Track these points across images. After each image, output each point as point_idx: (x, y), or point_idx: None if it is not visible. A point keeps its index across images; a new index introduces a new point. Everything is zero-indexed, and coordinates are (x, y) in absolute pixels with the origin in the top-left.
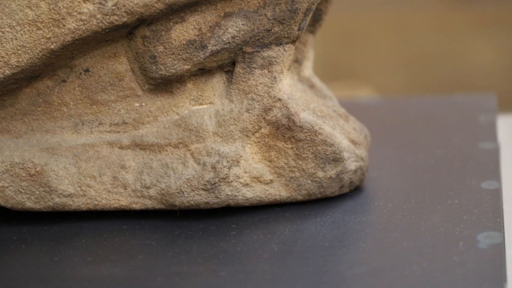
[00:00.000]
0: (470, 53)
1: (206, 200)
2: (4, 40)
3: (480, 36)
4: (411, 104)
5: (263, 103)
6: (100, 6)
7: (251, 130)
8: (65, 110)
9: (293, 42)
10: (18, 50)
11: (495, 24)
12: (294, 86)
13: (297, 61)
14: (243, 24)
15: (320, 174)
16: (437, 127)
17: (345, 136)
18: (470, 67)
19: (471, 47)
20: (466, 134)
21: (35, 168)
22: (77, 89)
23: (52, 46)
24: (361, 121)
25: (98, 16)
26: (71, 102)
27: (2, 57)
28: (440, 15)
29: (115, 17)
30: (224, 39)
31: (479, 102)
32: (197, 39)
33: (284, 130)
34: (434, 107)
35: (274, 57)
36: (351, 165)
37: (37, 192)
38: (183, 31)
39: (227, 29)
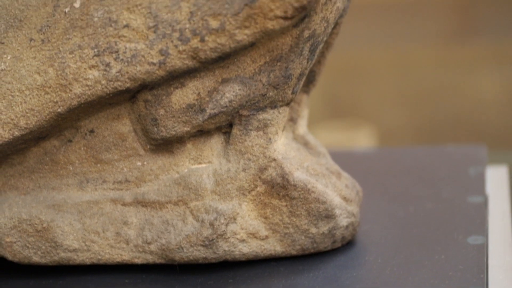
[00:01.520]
0: (472, 88)
1: (204, 256)
2: (14, 103)
3: (481, 71)
4: (404, 155)
5: (259, 163)
6: (104, 72)
7: (248, 188)
8: (71, 168)
9: (287, 104)
10: (27, 113)
11: (495, 59)
12: (289, 145)
13: (292, 120)
14: (239, 89)
15: (313, 230)
16: (428, 179)
17: (337, 193)
18: (472, 102)
19: (472, 82)
20: (456, 186)
21: (42, 225)
22: (82, 148)
23: (59, 110)
24: (355, 172)
25: (103, 82)
26: (77, 161)
27: (12, 119)
28: (441, 51)
29: (119, 83)
30: (222, 103)
31: (470, 153)
32: (196, 103)
33: (279, 189)
34: (427, 158)
35: (269, 120)
36: (343, 221)
37: (43, 247)
38: (183, 95)
39: (224, 93)
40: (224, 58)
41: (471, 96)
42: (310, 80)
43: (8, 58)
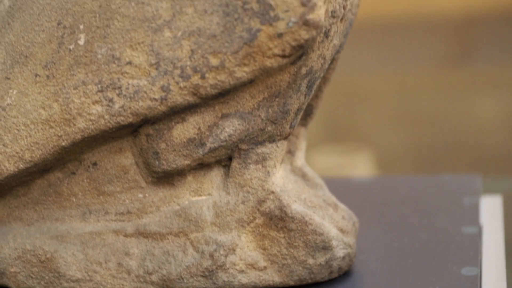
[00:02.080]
0: (470, 112)
1: (204, 286)
2: (19, 137)
3: (480, 95)
4: (400, 184)
5: (258, 195)
6: (108, 108)
7: (246, 220)
8: (74, 200)
9: (285, 138)
10: (32, 146)
11: (494, 83)
12: (287, 178)
13: (290, 152)
14: (239, 124)
15: (311, 261)
16: (424, 209)
17: (334, 225)
18: (471, 126)
19: (471, 106)
20: (450, 217)
21: (45, 255)
22: (85, 180)
23: (63, 143)
24: (352, 201)
25: (106, 116)
26: (80, 193)
27: (17, 152)
28: (439, 75)
29: (122, 118)
30: (222, 137)
31: (465, 183)
32: (196, 137)
33: (277, 221)
34: (423, 188)
35: (267, 153)
36: (340, 252)
37: (46, 278)
38: (184, 130)
39: (224, 128)
40: (224, 94)
41: (470, 119)
42: (308, 113)
43: (14, 93)
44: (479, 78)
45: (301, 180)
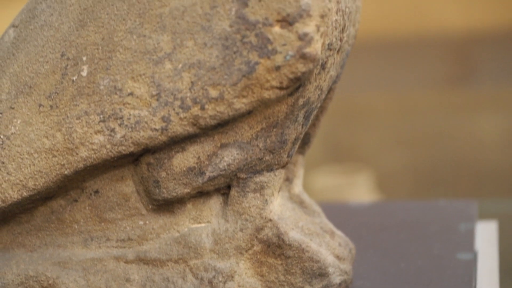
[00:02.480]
0: (471, 132)
1: None
2: (23, 165)
3: (481, 115)
4: (397, 209)
5: (256, 223)
6: (109, 137)
7: (245, 247)
8: (76, 227)
9: (283, 167)
10: (35, 175)
11: (494, 104)
12: (284, 206)
13: (288, 180)
14: (237, 154)
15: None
16: (420, 235)
17: (331, 252)
18: (471, 146)
19: (471, 127)
20: (446, 243)
21: (48, 281)
22: (87, 208)
23: (66, 172)
24: (349, 226)
25: (108, 146)
26: (82, 220)
27: (21, 180)
28: (440, 96)
29: (123, 147)
30: (221, 166)
31: (461, 209)
32: (196, 166)
33: (275, 248)
34: (419, 213)
35: (265, 182)
36: (336, 279)
37: None
38: (184, 159)
39: (223, 158)
40: (223, 125)
41: (471, 140)
42: (305, 142)
43: (18, 122)
44: (480, 99)
45: (298, 208)
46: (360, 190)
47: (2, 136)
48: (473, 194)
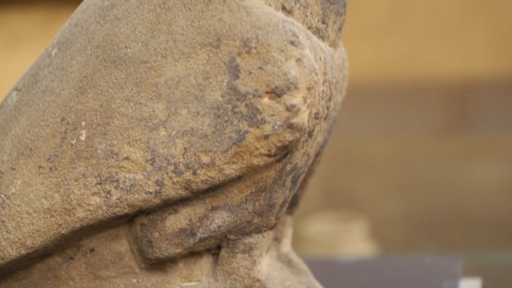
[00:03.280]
0: (467, 180)
1: None
2: (22, 224)
3: (477, 163)
4: (383, 265)
5: (244, 283)
6: (105, 199)
7: None
8: (72, 283)
9: (271, 229)
10: (34, 233)
11: (491, 152)
12: (272, 266)
13: (277, 239)
14: (227, 216)
15: None
16: None
17: None
18: (467, 194)
19: (468, 174)
20: None
21: None
22: (82, 265)
23: (63, 231)
24: (336, 283)
25: (104, 207)
26: (77, 277)
27: (20, 239)
28: (437, 143)
29: (118, 209)
30: (211, 228)
31: (445, 265)
32: (188, 227)
33: None
34: (404, 269)
35: (254, 243)
36: None
37: None
38: (176, 221)
39: (214, 220)
40: (214, 189)
41: (466, 188)
42: (293, 203)
43: (19, 183)
44: (476, 147)
45: (286, 267)
46: (355, 238)
47: (2, 196)
48: (468, 244)
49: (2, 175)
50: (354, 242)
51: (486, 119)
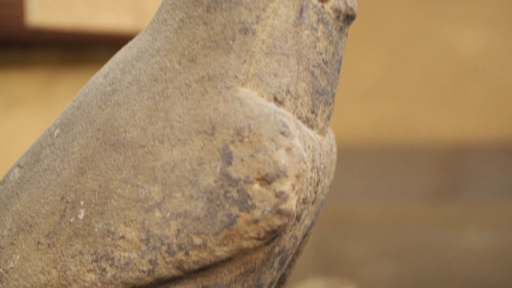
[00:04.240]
0: (458, 246)
1: None
2: None
3: (468, 229)
4: None
5: None
6: (100, 276)
7: None
8: None
9: None
10: None
11: (482, 219)
12: None
13: None
14: None
15: None
16: None
17: None
18: (458, 260)
19: (459, 240)
20: None
21: None
22: None
23: None
24: None
25: (98, 284)
26: None
27: None
28: (429, 208)
29: (113, 286)
30: None
31: None
32: None
33: None
34: None
35: None
36: None
37: None
38: None
39: None
40: (205, 269)
41: (456, 255)
42: (281, 281)
43: (17, 258)
44: (467, 213)
45: None
46: None
47: (1, 270)
48: None
49: (1, 250)
50: None
51: (477, 184)
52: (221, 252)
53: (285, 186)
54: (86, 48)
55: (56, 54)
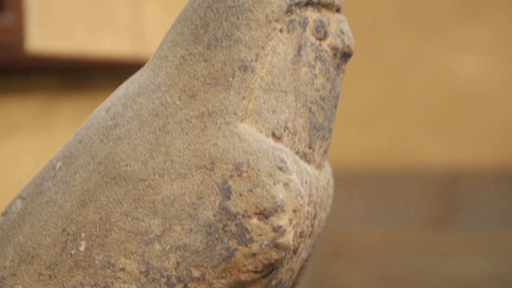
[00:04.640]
0: (455, 273)
1: None
2: None
3: (463, 257)
4: None
5: None
6: None
7: None
8: None
9: None
10: None
11: (477, 246)
12: None
13: None
14: None
15: None
16: None
17: None
18: (456, 286)
19: (456, 268)
20: None
21: None
22: None
23: None
24: None
25: None
26: None
27: None
28: (425, 236)
29: None
30: None
31: None
32: None
33: None
34: None
35: None
36: None
37: None
38: None
39: None
40: None
41: (453, 282)
42: None
43: None
44: (463, 241)
45: None
46: None
47: None
48: None
49: (3, 280)
50: None
51: (474, 211)
52: (219, 284)
53: (282, 220)
54: (85, 74)
55: (55, 80)
